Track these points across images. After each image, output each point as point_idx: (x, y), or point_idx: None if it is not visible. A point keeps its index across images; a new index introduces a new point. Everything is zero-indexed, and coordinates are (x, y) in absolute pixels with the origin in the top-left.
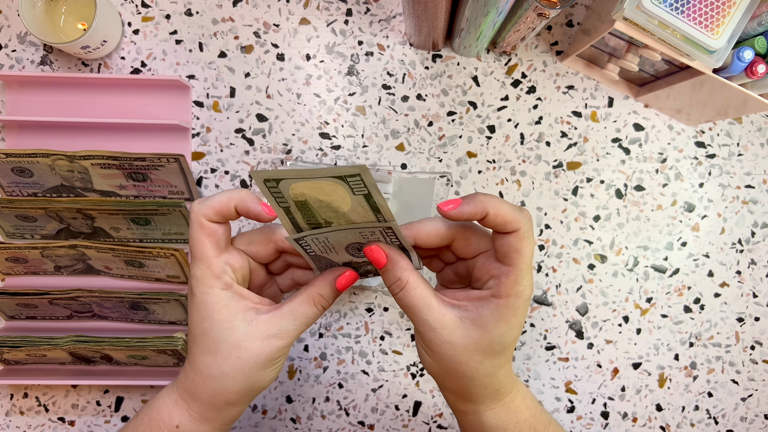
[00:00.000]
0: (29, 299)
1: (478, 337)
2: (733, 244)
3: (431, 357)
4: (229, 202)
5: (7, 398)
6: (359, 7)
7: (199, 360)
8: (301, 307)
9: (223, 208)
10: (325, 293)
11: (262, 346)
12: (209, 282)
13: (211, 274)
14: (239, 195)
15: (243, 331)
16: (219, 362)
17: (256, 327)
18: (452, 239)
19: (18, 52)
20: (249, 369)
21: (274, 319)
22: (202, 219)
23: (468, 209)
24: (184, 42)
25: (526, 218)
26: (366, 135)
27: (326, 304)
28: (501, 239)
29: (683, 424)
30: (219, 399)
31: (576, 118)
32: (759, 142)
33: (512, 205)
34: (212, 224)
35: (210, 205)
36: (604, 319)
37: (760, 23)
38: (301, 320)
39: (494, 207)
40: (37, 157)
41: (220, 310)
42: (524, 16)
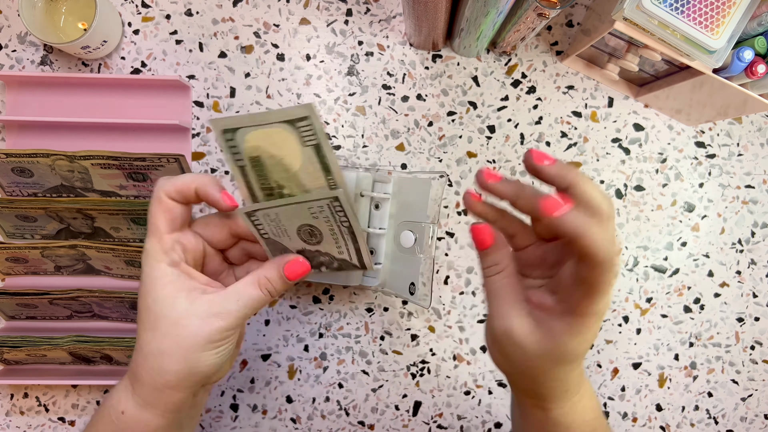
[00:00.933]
0: (29, 299)
1: (550, 348)
2: (733, 244)
3: (502, 355)
4: (191, 183)
5: (7, 398)
6: (359, 7)
7: (141, 337)
8: (246, 289)
9: (184, 188)
10: (272, 277)
11: (201, 324)
12: (157, 256)
13: (161, 249)
14: (202, 179)
15: (184, 308)
16: (158, 339)
17: (198, 306)
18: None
19: (18, 52)
20: (187, 348)
21: (217, 299)
22: (162, 194)
23: (556, 170)
24: (184, 42)
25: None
26: (366, 135)
27: (273, 290)
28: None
29: (683, 424)
30: (158, 380)
31: (576, 118)
32: (759, 142)
33: (604, 196)
34: (170, 201)
35: (173, 183)
36: (603, 318)
37: (760, 23)
38: (245, 302)
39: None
40: (37, 157)
41: (164, 286)
42: (524, 16)
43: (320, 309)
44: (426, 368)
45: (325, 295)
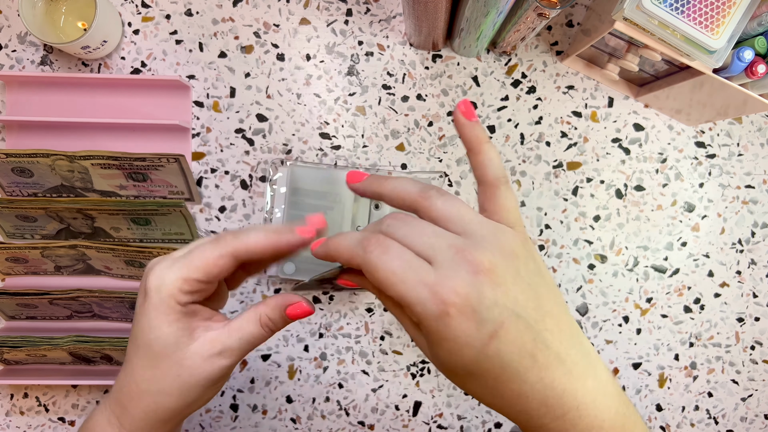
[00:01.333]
0: (29, 299)
1: (437, 364)
2: (733, 244)
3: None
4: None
5: (7, 398)
6: (359, 7)
7: (138, 373)
8: (248, 327)
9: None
10: (274, 317)
11: (204, 365)
12: (173, 293)
13: (179, 289)
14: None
15: (187, 347)
16: (158, 378)
17: (201, 345)
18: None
19: (18, 52)
20: (188, 388)
21: (220, 337)
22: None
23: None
24: (184, 42)
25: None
26: (366, 135)
27: (274, 328)
28: None
29: (683, 424)
30: (152, 416)
31: (576, 118)
32: (759, 142)
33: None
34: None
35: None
36: (604, 319)
37: (760, 23)
38: (247, 339)
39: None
40: (37, 157)
41: (170, 324)
42: (524, 16)
43: (320, 309)
44: (426, 368)
45: (325, 296)
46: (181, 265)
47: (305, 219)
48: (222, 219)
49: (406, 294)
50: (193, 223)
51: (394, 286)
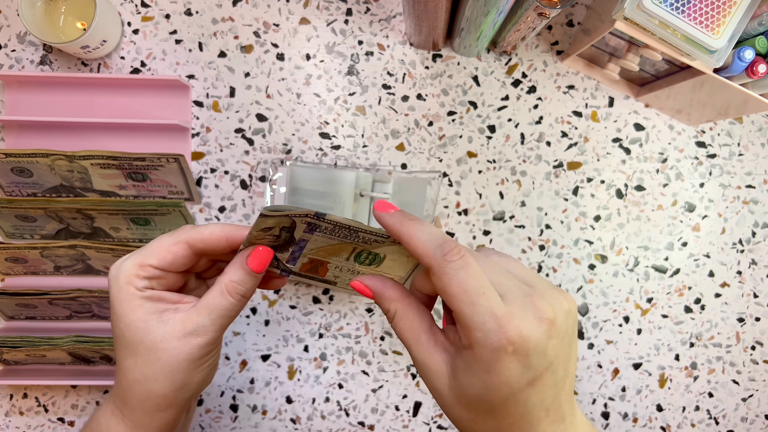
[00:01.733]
0: (29, 299)
1: (458, 390)
2: (734, 244)
3: (433, 395)
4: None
5: (6, 398)
6: (359, 7)
7: (122, 363)
8: (215, 300)
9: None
10: (238, 278)
11: (180, 345)
12: (128, 279)
13: (134, 274)
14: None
15: (159, 332)
16: (140, 365)
17: (172, 326)
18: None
19: (18, 52)
20: (171, 371)
21: (190, 317)
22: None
23: (389, 219)
24: (183, 42)
25: (441, 252)
26: (366, 135)
27: (243, 291)
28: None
29: (684, 425)
30: (147, 404)
31: (576, 118)
32: (760, 142)
33: (431, 237)
34: (186, 248)
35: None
36: (604, 319)
37: (761, 23)
38: (218, 313)
39: (407, 232)
40: (36, 157)
41: (133, 310)
42: (524, 15)
43: (320, 309)
44: None
45: (325, 296)
46: (136, 254)
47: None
48: (222, 219)
49: (472, 317)
50: (193, 223)
51: (463, 305)
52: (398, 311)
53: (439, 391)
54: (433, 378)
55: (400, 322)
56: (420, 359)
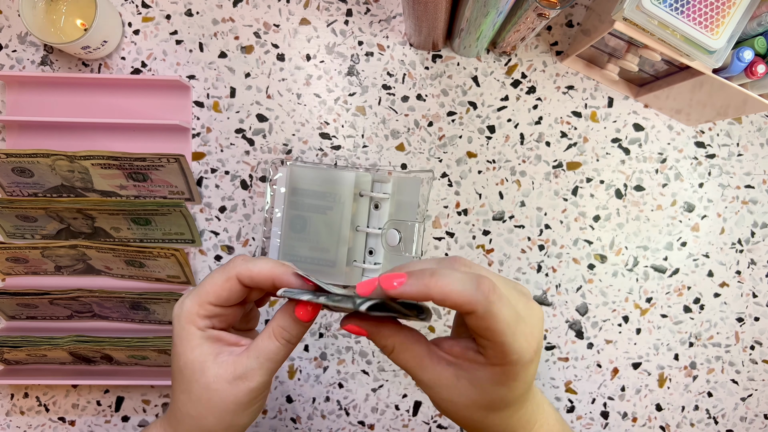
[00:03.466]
0: (30, 299)
1: (476, 397)
2: (733, 244)
3: (437, 406)
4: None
5: (7, 398)
6: (359, 8)
7: (177, 397)
8: (263, 343)
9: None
10: (286, 325)
11: (230, 389)
12: (191, 318)
13: (197, 313)
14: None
15: (213, 372)
16: (193, 402)
17: (225, 369)
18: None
19: (18, 53)
20: (220, 412)
21: (241, 359)
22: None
23: (409, 289)
24: (184, 42)
25: (482, 293)
26: (366, 135)
27: (290, 337)
28: (466, 318)
29: (683, 424)
30: None
31: (576, 119)
32: (759, 142)
33: (465, 281)
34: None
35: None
36: (603, 319)
37: (760, 23)
38: (266, 357)
39: (439, 290)
40: (37, 158)
41: (193, 349)
42: (524, 16)
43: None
44: None
45: None
46: (195, 293)
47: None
48: (222, 219)
49: (512, 344)
50: (194, 223)
51: (505, 337)
52: (396, 345)
53: (454, 401)
54: (444, 391)
55: (400, 354)
56: (427, 380)
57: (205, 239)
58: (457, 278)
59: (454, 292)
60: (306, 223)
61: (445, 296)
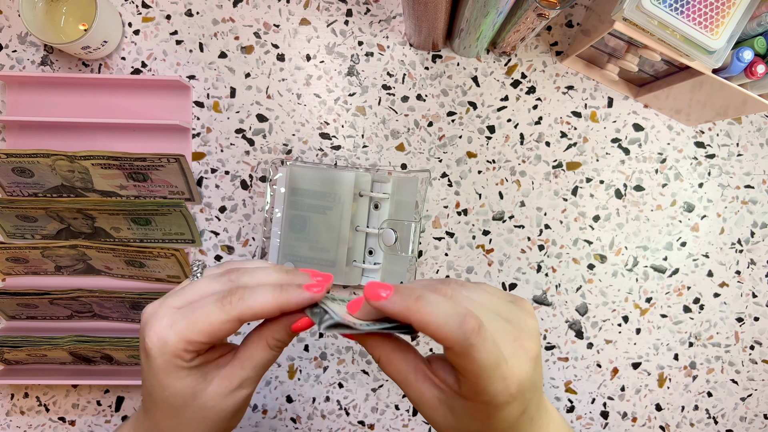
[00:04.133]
0: (30, 299)
1: (456, 425)
2: (733, 244)
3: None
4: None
5: (7, 398)
6: (359, 8)
7: (162, 423)
8: (257, 353)
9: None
10: (281, 337)
11: (228, 401)
12: (177, 353)
13: (183, 349)
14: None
15: (207, 392)
16: (183, 425)
17: (217, 385)
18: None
19: (18, 53)
20: (214, 425)
21: (234, 371)
22: (236, 315)
23: (391, 306)
24: (184, 42)
25: (463, 335)
26: (366, 135)
27: (282, 346)
28: (444, 349)
29: (683, 424)
30: None
31: (576, 119)
32: (758, 142)
33: (449, 316)
34: (238, 323)
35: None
36: (603, 319)
37: (760, 23)
38: (260, 365)
39: (420, 317)
40: (37, 158)
41: (181, 380)
42: (524, 16)
43: None
44: None
45: None
46: (183, 326)
47: (306, 273)
48: (222, 219)
49: (486, 387)
50: (194, 223)
51: (479, 380)
52: (382, 357)
53: (436, 421)
54: (426, 410)
55: (388, 366)
56: (412, 396)
57: (205, 239)
58: (442, 309)
59: (435, 323)
60: (306, 223)
61: (425, 324)
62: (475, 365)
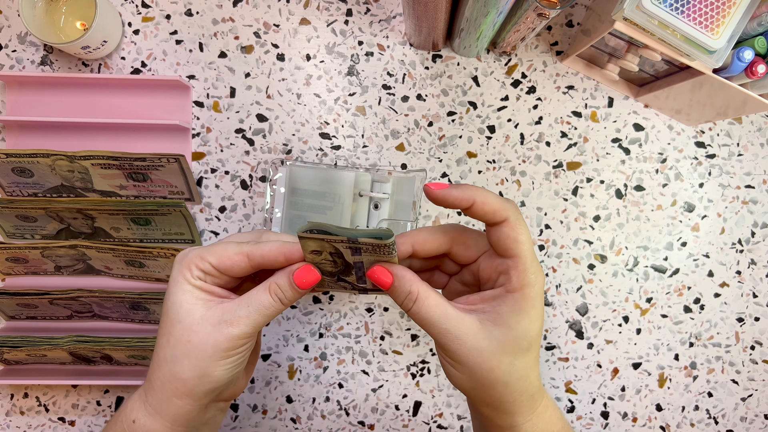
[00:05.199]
0: (29, 299)
1: (502, 337)
2: (733, 244)
3: (460, 370)
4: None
5: (7, 398)
6: (359, 8)
7: (158, 341)
8: (257, 294)
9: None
10: (282, 284)
11: (212, 331)
12: (182, 268)
13: (191, 273)
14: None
15: (199, 314)
16: (171, 345)
17: (212, 312)
18: (450, 244)
19: (18, 53)
20: (197, 355)
21: (230, 305)
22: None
23: (455, 193)
24: (184, 42)
25: (513, 207)
26: (366, 135)
27: (283, 298)
28: (496, 232)
29: (683, 424)
30: (167, 386)
31: (576, 119)
32: (759, 142)
33: (498, 196)
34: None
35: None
36: (604, 319)
37: (760, 23)
38: (255, 307)
39: (481, 195)
40: (37, 158)
41: (184, 292)
42: (524, 16)
43: (320, 309)
44: (426, 368)
45: (325, 295)
46: (203, 248)
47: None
48: (222, 219)
49: (533, 262)
50: (194, 223)
51: (527, 252)
52: (421, 291)
53: (479, 348)
54: (469, 340)
55: (425, 300)
56: (452, 329)
57: (205, 239)
58: (491, 195)
59: (492, 200)
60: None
61: (485, 202)
62: (524, 235)
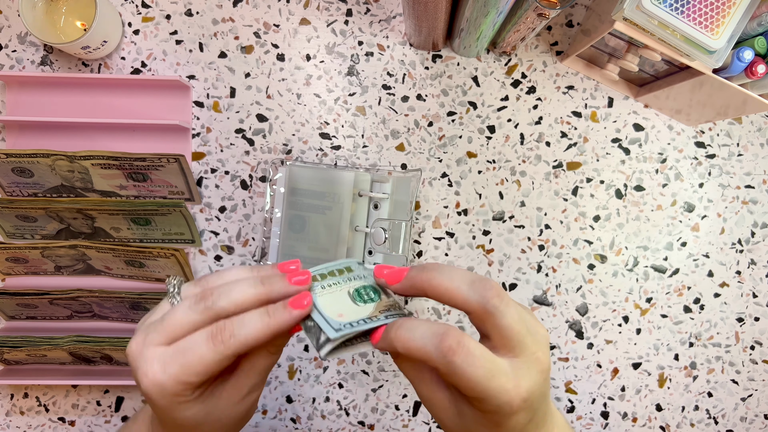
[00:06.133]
0: (29, 299)
1: (463, 428)
2: (733, 244)
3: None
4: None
5: (7, 398)
6: (359, 8)
7: None
8: (260, 361)
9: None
10: (280, 342)
11: (239, 407)
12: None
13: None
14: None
15: (218, 407)
16: None
17: (228, 398)
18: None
19: (18, 53)
20: (231, 427)
21: (240, 381)
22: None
23: (402, 285)
24: (184, 42)
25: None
26: (366, 135)
27: (282, 347)
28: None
29: (683, 424)
30: None
31: (576, 119)
32: (759, 142)
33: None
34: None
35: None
36: (603, 319)
37: (760, 23)
38: (264, 370)
39: (438, 285)
40: (37, 158)
41: (188, 409)
42: (524, 16)
43: None
44: None
45: None
46: (177, 371)
47: (282, 275)
48: (222, 219)
49: (490, 396)
50: (193, 223)
51: (478, 390)
52: (402, 352)
53: (445, 423)
54: (437, 411)
55: (405, 362)
56: (424, 395)
57: (205, 239)
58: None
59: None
60: (305, 223)
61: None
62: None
